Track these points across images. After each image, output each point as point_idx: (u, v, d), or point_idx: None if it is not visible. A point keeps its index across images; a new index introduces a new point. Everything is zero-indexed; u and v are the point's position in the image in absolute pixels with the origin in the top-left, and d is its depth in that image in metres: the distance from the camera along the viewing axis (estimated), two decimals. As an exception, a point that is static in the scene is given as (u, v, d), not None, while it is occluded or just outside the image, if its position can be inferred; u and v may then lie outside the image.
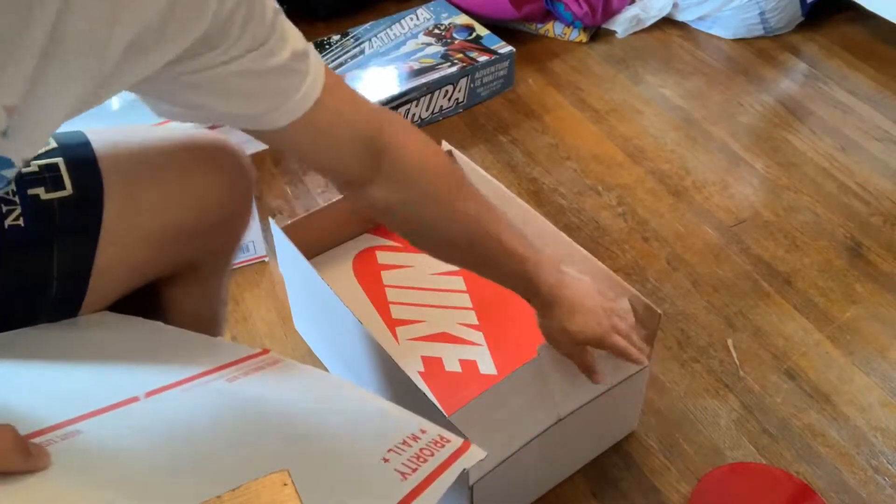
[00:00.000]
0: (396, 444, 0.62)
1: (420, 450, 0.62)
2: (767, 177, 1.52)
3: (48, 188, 0.68)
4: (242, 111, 0.62)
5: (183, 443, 0.59)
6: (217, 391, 0.66)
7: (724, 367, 1.19)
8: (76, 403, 0.59)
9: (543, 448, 0.95)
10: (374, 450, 0.61)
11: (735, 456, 1.09)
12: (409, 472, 0.59)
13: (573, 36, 1.88)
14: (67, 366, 0.66)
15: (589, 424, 1.00)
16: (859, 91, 1.71)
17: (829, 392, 1.16)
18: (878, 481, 1.05)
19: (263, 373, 0.71)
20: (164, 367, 0.68)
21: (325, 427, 0.66)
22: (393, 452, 0.61)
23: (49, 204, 0.68)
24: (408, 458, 0.61)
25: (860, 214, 1.43)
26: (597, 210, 1.45)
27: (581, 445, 1.04)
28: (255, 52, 0.58)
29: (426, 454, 0.62)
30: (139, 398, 0.62)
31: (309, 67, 0.63)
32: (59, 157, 0.69)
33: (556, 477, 1.04)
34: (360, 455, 0.62)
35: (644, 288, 1.31)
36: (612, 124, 1.65)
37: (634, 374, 1.00)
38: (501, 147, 1.60)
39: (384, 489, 0.57)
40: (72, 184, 0.68)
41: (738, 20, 1.84)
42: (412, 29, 1.76)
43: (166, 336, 0.75)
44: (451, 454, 0.63)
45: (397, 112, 1.59)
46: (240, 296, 1.31)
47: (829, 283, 1.31)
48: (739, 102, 1.70)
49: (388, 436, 0.63)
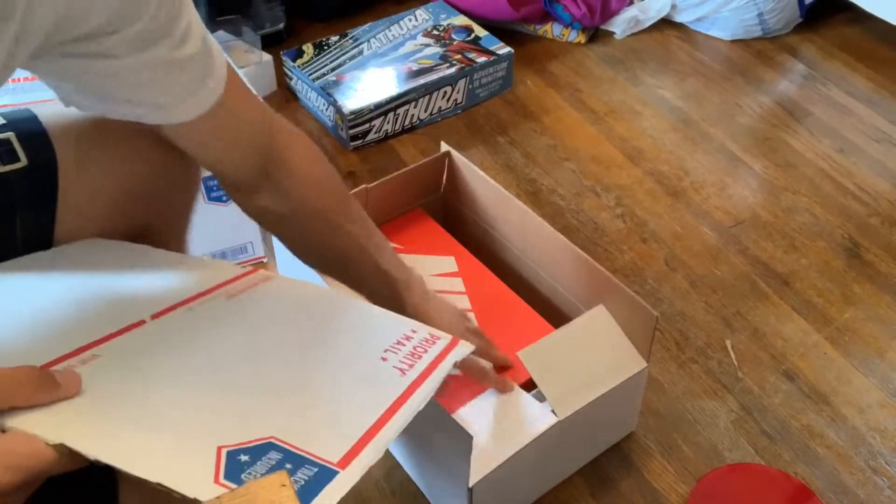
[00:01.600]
0: (391, 343, 0.68)
1: (414, 347, 0.68)
2: (766, 178, 1.52)
3: (3, 161, 0.69)
4: (152, 100, 0.63)
5: (201, 358, 0.61)
6: (221, 307, 0.69)
7: (722, 368, 1.19)
8: (86, 331, 0.60)
9: (542, 450, 0.94)
10: (373, 350, 0.67)
11: (733, 457, 1.09)
12: (406, 367, 0.65)
13: (572, 37, 1.88)
14: (66, 294, 0.67)
15: (588, 426, 1.00)
16: (857, 92, 1.72)
17: (828, 393, 1.16)
18: (877, 482, 1.06)
19: (258, 288, 0.74)
20: (164, 288, 0.70)
21: (327, 333, 0.70)
22: (389, 352, 0.67)
23: (6, 176, 0.69)
24: (403, 355, 0.67)
25: (858, 215, 1.44)
26: (595, 211, 1.45)
27: (580, 447, 1.04)
28: (167, 39, 0.59)
29: (420, 351, 0.68)
30: (146, 321, 0.64)
31: (215, 62, 0.65)
32: (10, 132, 0.70)
33: (554, 478, 1.04)
34: (362, 356, 0.67)
35: (642, 289, 1.31)
36: (611, 125, 1.65)
37: (633, 376, 1.00)
38: (500, 148, 1.60)
39: (387, 384, 0.62)
40: (25, 155, 0.69)
41: (737, 21, 1.84)
42: (411, 30, 1.76)
43: (158, 257, 0.77)
44: (442, 349, 0.69)
45: (396, 112, 1.59)
46: (238, 297, 1.31)
47: (827, 284, 1.32)
48: (738, 103, 1.70)
49: (384, 337, 0.69)
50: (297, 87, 1.70)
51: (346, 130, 1.57)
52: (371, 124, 1.58)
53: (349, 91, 1.59)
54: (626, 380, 0.98)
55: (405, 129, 1.63)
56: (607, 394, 0.97)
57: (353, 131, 1.57)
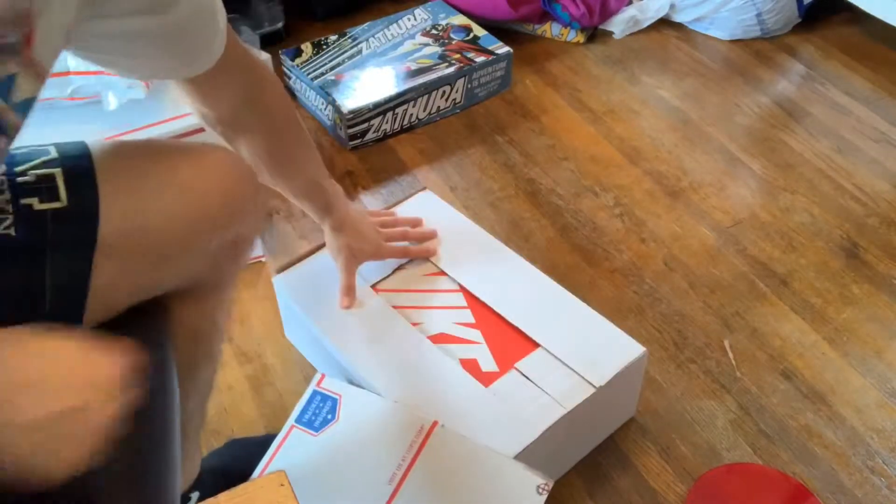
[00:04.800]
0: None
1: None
2: (764, 178, 1.52)
3: (42, 198, 0.66)
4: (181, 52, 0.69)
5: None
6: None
7: (720, 368, 1.19)
8: None
9: (548, 442, 0.97)
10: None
11: (731, 457, 1.09)
12: None
13: (570, 37, 1.88)
14: None
15: (589, 416, 1.02)
16: (856, 92, 1.72)
17: (826, 393, 1.16)
18: (874, 482, 1.06)
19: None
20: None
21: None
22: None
23: (42, 215, 0.65)
24: None
25: (857, 215, 1.44)
26: (594, 211, 1.45)
27: (582, 438, 1.06)
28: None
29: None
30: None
31: (219, 8, 0.71)
32: (58, 168, 0.67)
33: (558, 469, 1.06)
34: None
35: (641, 289, 1.31)
36: (610, 125, 1.65)
37: (632, 362, 1.02)
38: (499, 147, 1.60)
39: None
40: (67, 195, 0.66)
41: (735, 21, 1.85)
42: (410, 29, 1.76)
43: None
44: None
45: (394, 112, 1.59)
46: (237, 296, 1.31)
47: (825, 284, 1.32)
48: (736, 103, 1.70)
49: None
50: (295, 86, 1.70)
51: (344, 130, 1.57)
52: (370, 124, 1.58)
53: (348, 90, 1.59)
54: (625, 367, 1.02)
55: (404, 128, 1.63)
56: (609, 383, 1.00)
57: (352, 131, 1.57)
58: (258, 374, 1.21)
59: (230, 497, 0.52)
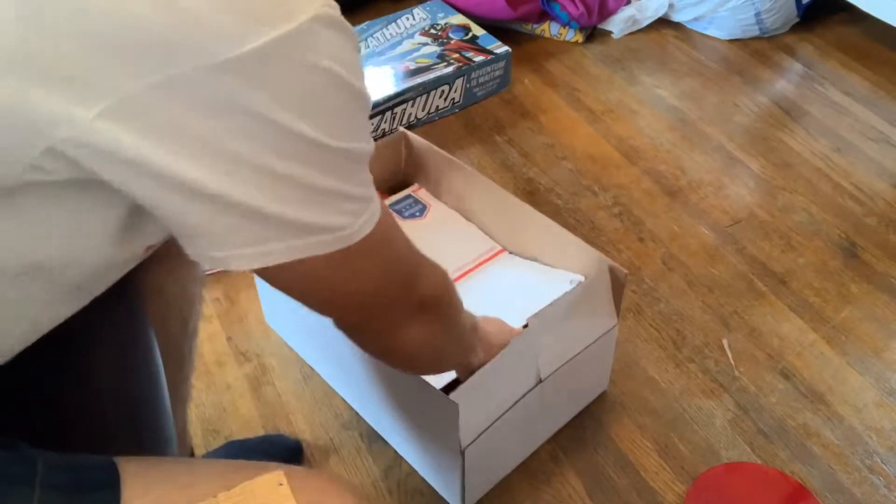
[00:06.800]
0: None
1: None
2: (763, 177, 1.52)
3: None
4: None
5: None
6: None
7: (719, 367, 1.20)
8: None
9: (526, 410, 0.99)
10: None
11: (730, 456, 1.09)
12: None
13: (569, 36, 1.88)
14: None
15: (565, 385, 1.04)
16: (854, 92, 1.72)
17: (824, 392, 1.16)
18: (873, 481, 1.06)
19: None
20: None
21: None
22: None
23: None
24: None
25: (855, 215, 1.44)
26: (593, 210, 1.45)
27: (558, 406, 1.08)
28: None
29: None
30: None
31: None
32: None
33: (537, 439, 1.09)
34: None
35: (640, 288, 1.31)
36: (608, 125, 1.65)
37: (605, 334, 1.04)
38: (497, 147, 1.60)
39: None
40: None
41: (734, 21, 1.85)
42: (408, 29, 1.76)
43: None
44: None
45: (393, 111, 1.59)
46: (235, 296, 1.31)
47: (824, 283, 1.32)
48: (735, 103, 1.70)
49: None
50: (294, 85, 1.70)
51: (343, 129, 1.57)
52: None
53: (347, 90, 1.59)
54: (599, 338, 1.04)
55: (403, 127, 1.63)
56: (584, 352, 1.02)
57: (351, 130, 1.57)
58: (257, 373, 1.21)
59: (229, 496, 0.52)
